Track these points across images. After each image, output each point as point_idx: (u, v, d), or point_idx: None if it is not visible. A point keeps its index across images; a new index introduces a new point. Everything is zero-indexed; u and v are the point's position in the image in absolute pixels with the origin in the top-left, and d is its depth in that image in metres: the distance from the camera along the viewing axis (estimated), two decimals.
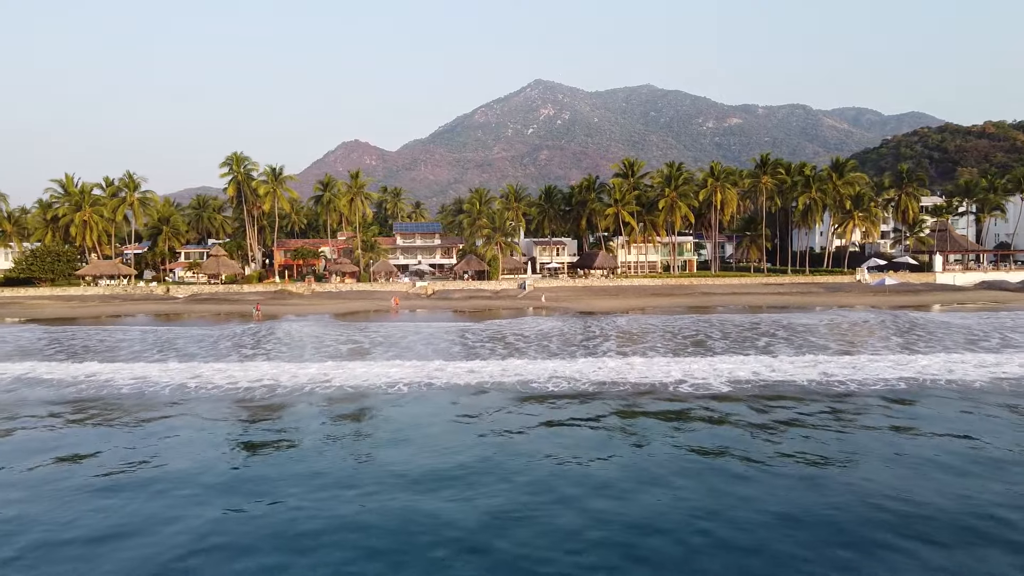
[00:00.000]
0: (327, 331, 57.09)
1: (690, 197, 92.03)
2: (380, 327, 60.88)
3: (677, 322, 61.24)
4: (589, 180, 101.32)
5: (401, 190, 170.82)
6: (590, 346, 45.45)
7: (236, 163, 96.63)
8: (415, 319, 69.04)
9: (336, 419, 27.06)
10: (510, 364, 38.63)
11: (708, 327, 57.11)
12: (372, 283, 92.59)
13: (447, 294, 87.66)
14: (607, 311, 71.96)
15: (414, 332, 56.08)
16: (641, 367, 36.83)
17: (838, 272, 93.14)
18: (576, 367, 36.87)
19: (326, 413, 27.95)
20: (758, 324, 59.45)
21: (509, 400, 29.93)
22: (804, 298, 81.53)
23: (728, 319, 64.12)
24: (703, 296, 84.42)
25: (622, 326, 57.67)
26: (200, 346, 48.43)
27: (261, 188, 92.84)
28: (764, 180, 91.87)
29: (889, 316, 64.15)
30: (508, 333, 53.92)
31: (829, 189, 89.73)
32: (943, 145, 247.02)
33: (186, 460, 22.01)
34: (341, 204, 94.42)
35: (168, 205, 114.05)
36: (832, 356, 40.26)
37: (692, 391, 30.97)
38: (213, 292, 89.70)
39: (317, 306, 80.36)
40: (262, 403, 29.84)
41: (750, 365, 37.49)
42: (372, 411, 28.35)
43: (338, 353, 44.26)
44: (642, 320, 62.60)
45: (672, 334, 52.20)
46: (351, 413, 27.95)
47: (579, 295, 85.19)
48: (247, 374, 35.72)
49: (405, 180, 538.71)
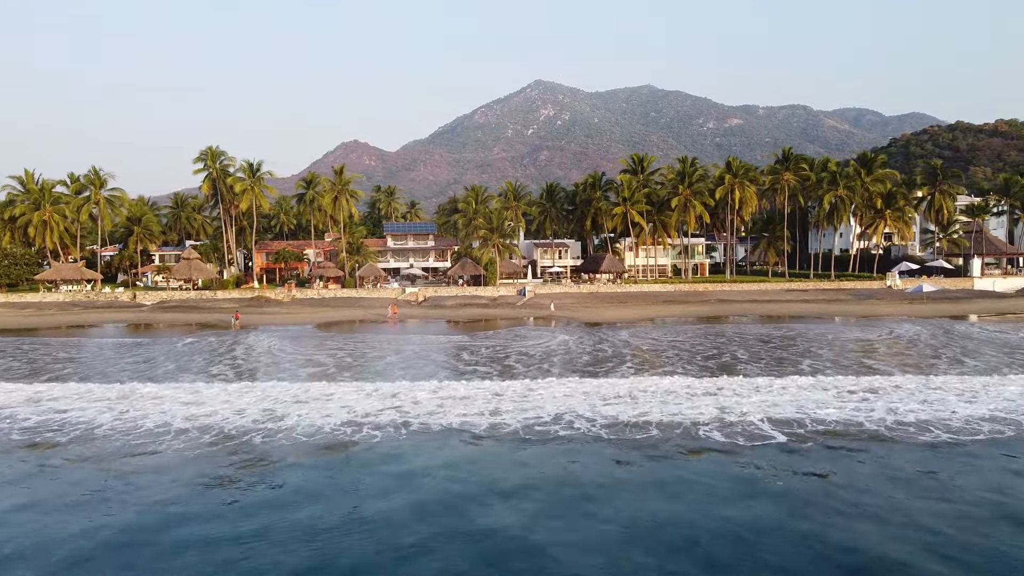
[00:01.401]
0: (298, 348, 49.44)
1: (705, 195, 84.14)
2: (363, 341, 53.32)
3: (696, 336, 54.16)
4: (594, 177, 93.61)
5: (395, 189, 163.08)
6: (602, 371, 37.93)
7: (211, 158, 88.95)
8: (404, 331, 61.86)
9: (272, 495, 19.33)
10: (508, 392, 31.61)
11: (733, 343, 50.06)
12: (358, 289, 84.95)
13: (439, 301, 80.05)
14: (616, 322, 64.48)
15: (399, 349, 48.56)
16: (665, 399, 29.80)
17: (866, 277, 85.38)
18: (589, 401, 29.67)
19: (258, 482, 20.25)
20: (791, 339, 52.01)
21: (508, 454, 22.69)
22: (832, 306, 73.92)
23: (753, 332, 56.75)
24: (720, 304, 76.84)
25: (636, 342, 50.31)
26: (147, 364, 40.77)
27: (238, 185, 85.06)
28: (786, 177, 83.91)
29: (938, 329, 56.67)
30: (507, 351, 46.51)
31: (857, 187, 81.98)
32: (954, 144, 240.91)
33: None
34: (325, 202, 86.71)
35: (142, 204, 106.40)
36: (894, 384, 32.76)
37: (733, 438, 24.16)
38: (183, 299, 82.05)
39: (295, 315, 72.76)
40: (169, 458, 22.12)
41: (795, 396, 30.43)
42: (330, 473, 20.75)
43: (298, 376, 36.61)
44: (657, 334, 55.15)
45: (693, 352, 45.03)
46: (293, 486, 20.16)
47: (584, 303, 77.59)
48: (162, 410, 28.00)
49: (404, 180, 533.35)
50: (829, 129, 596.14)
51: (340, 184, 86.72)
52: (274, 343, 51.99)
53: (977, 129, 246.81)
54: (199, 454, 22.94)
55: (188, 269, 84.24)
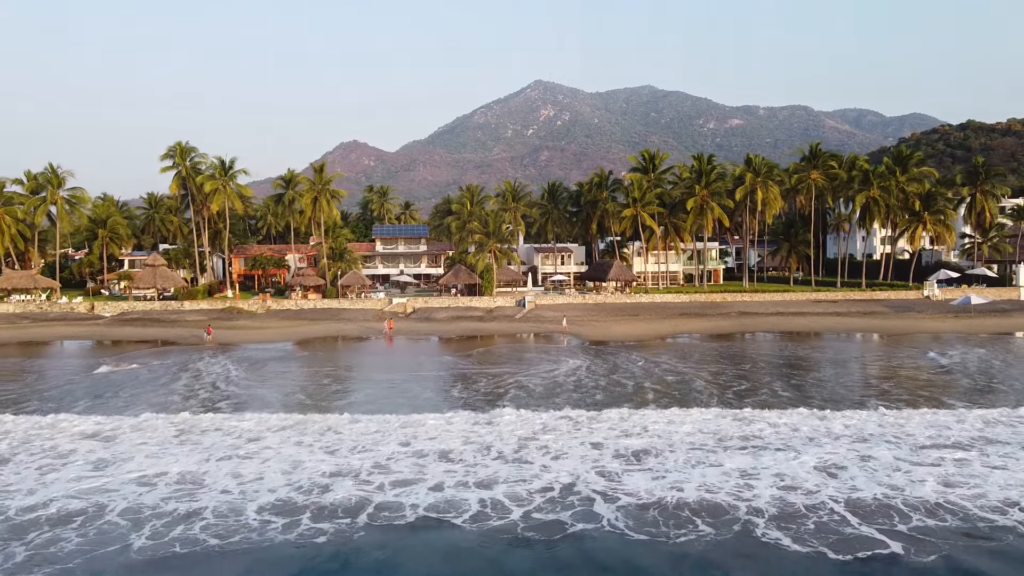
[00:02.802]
0: (254, 376, 41.47)
1: (723, 196, 76.00)
2: (336, 366, 45.48)
3: (720, 359, 46.77)
4: (601, 176, 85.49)
5: (388, 189, 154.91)
6: (617, 416, 30.07)
7: (180, 154, 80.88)
8: (387, 352, 54.01)
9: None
10: (505, 446, 25.10)
11: (765, 369, 42.75)
12: (340, 299, 76.93)
13: (430, 313, 72.09)
14: (628, 340, 56.66)
15: (374, 378, 40.70)
16: (701, 460, 23.13)
17: (900, 286, 77.32)
18: (604, 462, 23.02)
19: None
20: (834, 363, 44.25)
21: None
22: (869, 321, 66.05)
23: (785, 354, 49.07)
24: (741, 318, 68.93)
25: (654, 369, 42.60)
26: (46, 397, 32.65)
27: (208, 184, 76.93)
28: (813, 176, 75.82)
29: (1005, 351, 49.01)
30: (504, 381, 38.91)
31: (892, 187, 74.02)
32: (966, 143, 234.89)
33: None
34: (304, 203, 78.59)
35: (110, 205, 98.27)
36: (994, 435, 25.15)
37: (811, 542, 17.00)
38: (146, 310, 74.06)
39: (267, 330, 64.88)
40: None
41: (865, 453, 24.07)
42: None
43: (236, 431, 28.60)
44: (676, 357, 47.35)
45: (721, 383, 37.93)
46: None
47: (591, 316, 69.67)
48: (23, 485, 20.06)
49: (404, 181, 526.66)
50: (830, 130, 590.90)
51: (320, 184, 78.49)
52: (231, 370, 44.11)
53: (989, 128, 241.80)
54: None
55: (153, 277, 76.13)
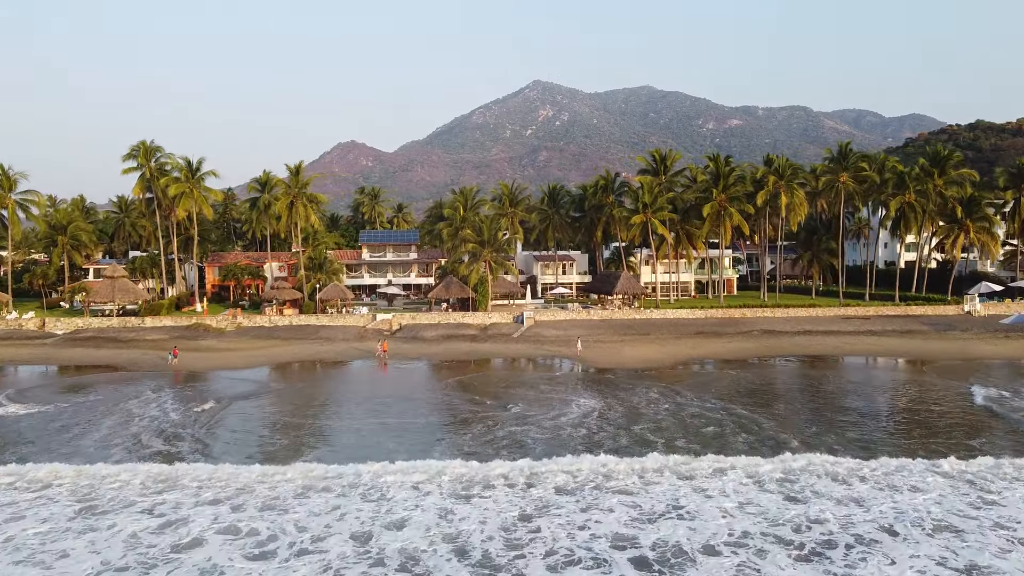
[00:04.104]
0: (191, 424, 33.95)
1: (743, 201, 68.54)
2: (296, 405, 37.64)
3: (753, 395, 39.72)
4: (607, 178, 78.09)
5: (380, 190, 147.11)
6: (644, 505, 22.72)
7: (144, 154, 73.42)
8: (361, 384, 46.47)
9: None
10: (493, 548, 17.26)
11: (806, 409, 35.53)
12: (319, 314, 69.57)
13: (418, 331, 64.78)
14: (642, 367, 49.42)
15: (338, 426, 33.22)
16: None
17: (937, 300, 69.89)
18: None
19: None
20: (895, 400, 36.49)
21: None
22: (910, 342, 58.78)
23: (828, 387, 41.60)
24: (765, 337, 61.69)
25: (676, 410, 35.24)
26: None
27: (172, 188, 69.45)
28: (843, 178, 68.41)
29: None
30: (495, 428, 31.58)
31: (929, 190, 66.75)
32: (977, 143, 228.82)
33: None
34: (279, 208, 70.97)
35: (75, 208, 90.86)
36: None
37: None
38: (103, 327, 66.69)
39: (232, 352, 57.56)
40: None
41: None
42: None
43: (138, 512, 21.14)
44: (701, 393, 39.84)
45: (760, 433, 30.95)
46: None
47: (597, 335, 62.37)
48: None
49: (402, 181, 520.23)
50: (829, 130, 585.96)
51: (296, 187, 70.87)
52: (169, 414, 36.77)
53: (999, 128, 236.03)
54: None
55: (111, 290, 68.60)
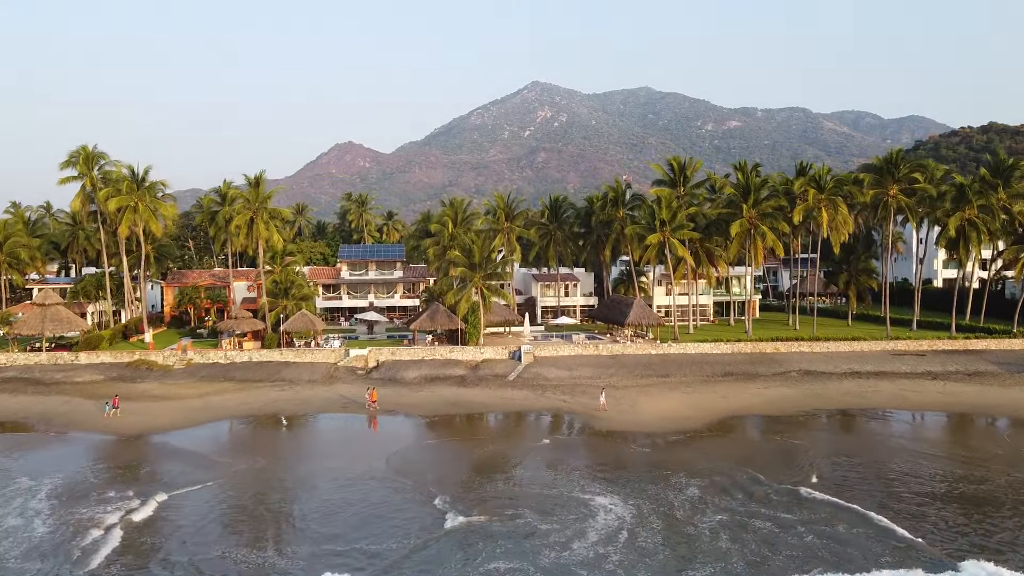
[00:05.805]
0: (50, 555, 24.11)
1: (776, 218, 58.76)
2: (233, 504, 27.45)
3: (830, 483, 28.14)
4: (617, 190, 68.35)
5: (368, 197, 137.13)
6: None
7: (84, 162, 63.61)
8: (324, 450, 36.55)
9: None
10: None
11: (916, 515, 24.78)
12: (283, 348, 59.80)
13: (397, 371, 55.09)
14: (669, 431, 39.65)
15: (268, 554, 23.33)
16: None
17: (1000, 332, 60.09)
18: None
19: None
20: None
21: None
22: (986, 389, 49.09)
23: (922, 472, 30.22)
24: (807, 381, 52.10)
25: (747, 529, 24.60)
26: None
27: (112, 202, 59.51)
28: (892, 192, 58.57)
29: None
30: (482, 553, 21.84)
31: (994, 205, 57.33)
32: (991, 146, 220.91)
33: None
34: (239, 223, 60.68)
35: (17, 221, 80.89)
36: None
37: None
38: (27, 365, 56.89)
39: (175, 401, 47.91)
40: None
41: None
42: None
43: None
44: (764, 478, 29.60)
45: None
46: None
47: (608, 376, 52.71)
48: None
49: (399, 182, 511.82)
50: (828, 132, 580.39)
51: (256, 202, 60.74)
52: (31, 519, 27.12)
53: (1014, 131, 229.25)
54: None
55: (40, 320, 58.64)
